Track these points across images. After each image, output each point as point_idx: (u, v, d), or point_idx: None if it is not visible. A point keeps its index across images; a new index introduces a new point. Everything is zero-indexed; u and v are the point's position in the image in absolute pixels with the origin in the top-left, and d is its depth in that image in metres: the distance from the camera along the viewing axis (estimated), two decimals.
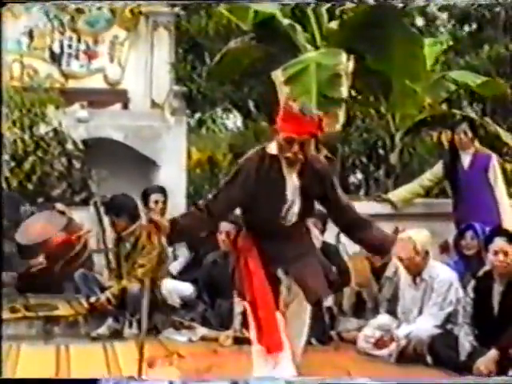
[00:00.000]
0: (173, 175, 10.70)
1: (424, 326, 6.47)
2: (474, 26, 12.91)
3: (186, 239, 5.59)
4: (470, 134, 8.19)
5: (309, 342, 7.02)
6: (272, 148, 4.86)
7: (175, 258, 8.34)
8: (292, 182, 4.84)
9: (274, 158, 4.82)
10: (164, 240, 5.05)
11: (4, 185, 9.25)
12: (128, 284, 7.37)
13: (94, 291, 7.62)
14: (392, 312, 6.95)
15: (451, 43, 11.46)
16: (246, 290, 4.95)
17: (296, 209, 4.87)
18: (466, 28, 12.97)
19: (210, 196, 4.93)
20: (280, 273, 4.94)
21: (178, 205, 9.24)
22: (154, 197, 8.30)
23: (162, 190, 8.54)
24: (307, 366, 6.17)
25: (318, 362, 6.39)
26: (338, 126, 8.58)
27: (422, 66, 9.11)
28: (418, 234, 6.68)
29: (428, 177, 8.71)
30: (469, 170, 8.21)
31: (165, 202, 8.43)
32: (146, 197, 8.39)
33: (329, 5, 9.39)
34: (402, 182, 10.71)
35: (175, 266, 8.21)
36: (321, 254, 5.17)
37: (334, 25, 9.45)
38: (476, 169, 8.18)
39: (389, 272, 7.24)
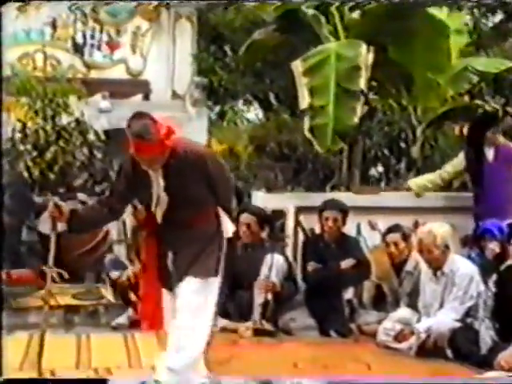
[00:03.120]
0: None
1: (444, 319, 6.45)
2: (499, 18, 12.83)
3: (86, 229, 5.66)
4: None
5: (328, 335, 7.10)
6: None
7: None
8: (157, 182, 4.81)
9: None
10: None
11: (26, 174, 9.31)
12: None
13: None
14: (412, 306, 6.92)
15: (475, 36, 11.39)
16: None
17: (163, 206, 4.84)
18: (490, 20, 12.90)
19: (107, 192, 5.06)
20: (169, 255, 4.92)
21: None
22: None
23: None
24: (327, 359, 6.20)
25: (337, 354, 6.41)
26: (356, 119, 8.55)
27: (446, 57, 9.04)
28: (438, 228, 6.65)
29: (448, 169, 8.68)
30: (493, 162, 8.18)
31: None
32: None
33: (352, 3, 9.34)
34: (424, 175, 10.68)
35: None
36: (216, 248, 4.98)
37: (355, 15, 9.41)
38: (500, 162, 8.16)
39: (409, 266, 7.21)
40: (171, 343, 4.82)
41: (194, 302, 4.80)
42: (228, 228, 4.97)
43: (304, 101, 8.58)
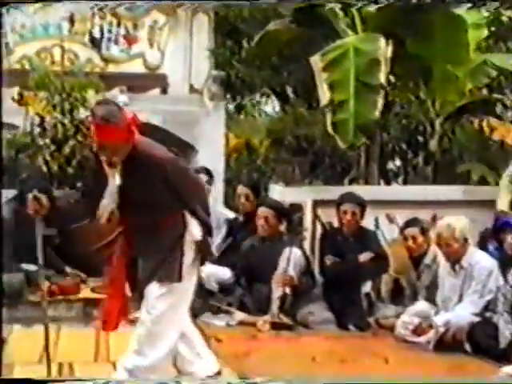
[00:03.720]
0: (211, 160, 10.73)
1: (463, 313, 6.43)
2: None
3: (62, 223, 5.61)
4: None
5: (346, 328, 7.09)
6: None
7: None
8: (113, 181, 4.73)
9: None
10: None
11: (44, 168, 9.34)
12: None
13: None
14: (430, 299, 6.90)
15: (493, 28, 11.31)
16: (109, 269, 5.01)
17: (109, 208, 4.75)
18: (509, 13, 12.79)
19: (82, 187, 5.02)
20: (139, 259, 4.88)
21: (216, 189, 9.26)
22: None
23: (207, 171, 8.58)
24: (345, 352, 6.20)
25: (355, 348, 6.40)
26: (377, 114, 8.53)
27: (464, 50, 9.03)
28: (457, 221, 6.63)
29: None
30: None
31: (209, 183, 8.45)
32: None
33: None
34: (442, 169, 10.64)
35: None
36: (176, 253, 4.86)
37: (373, 8, 9.38)
38: None
39: (428, 259, 7.19)
40: (132, 346, 4.82)
41: (157, 308, 4.76)
42: (195, 232, 4.84)
43: (324, 96, 8.57)
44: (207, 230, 4.95)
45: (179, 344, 4.92)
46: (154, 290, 4.76)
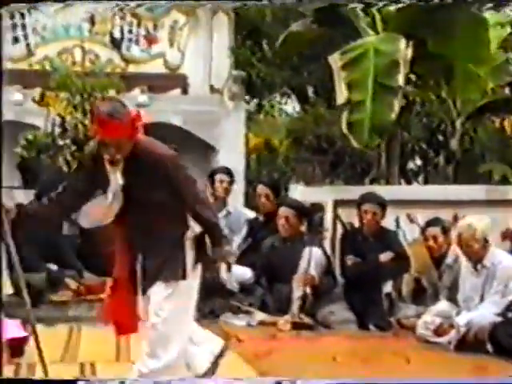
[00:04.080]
0: (231, 160, 10.75)
1: (484, 313, 6.39)
2: None
3: (34, 226, 5.57)
4: None
5: (367, 328, 7.08)
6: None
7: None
8: (115, 179, 4.67)
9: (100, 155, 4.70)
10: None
11: (65, 168, 9.40)
12: None
13: None
14: (452, 299, 6.87)
15: None
16: (113, 269, 4.94)
17: (117, 205, 4.68)
18: None
19: (60, 188, 4.95)
20: (139, 258, 4.79)
21: (236, 189, 9.27)
22: (218, 176, 8.38)
23: (228, 172, 8.61)
24: (366, 352, 6.18)
25: (376, 348, 6.38)
26: (393, 115, 8.51)
27: (486, 49, 8.98)
28: (478, 222, 6.59)
29: None
30: None
31: (230, 184, 8.48)
32: (212, 176, 8.45)
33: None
34: (463, 168, 10.60)
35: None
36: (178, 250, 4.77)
37: (393, 7, 9.36)
38: None
39: (449, 259, 7.16)
40: (144, 348, 4.78)
41: (164, 308, 4.71)
42: (196, 230, 4.76)
43: (342, 95, 8.56)
44: (211, 230, 4.83)
45: None
46: (159, 291, 4.73)
